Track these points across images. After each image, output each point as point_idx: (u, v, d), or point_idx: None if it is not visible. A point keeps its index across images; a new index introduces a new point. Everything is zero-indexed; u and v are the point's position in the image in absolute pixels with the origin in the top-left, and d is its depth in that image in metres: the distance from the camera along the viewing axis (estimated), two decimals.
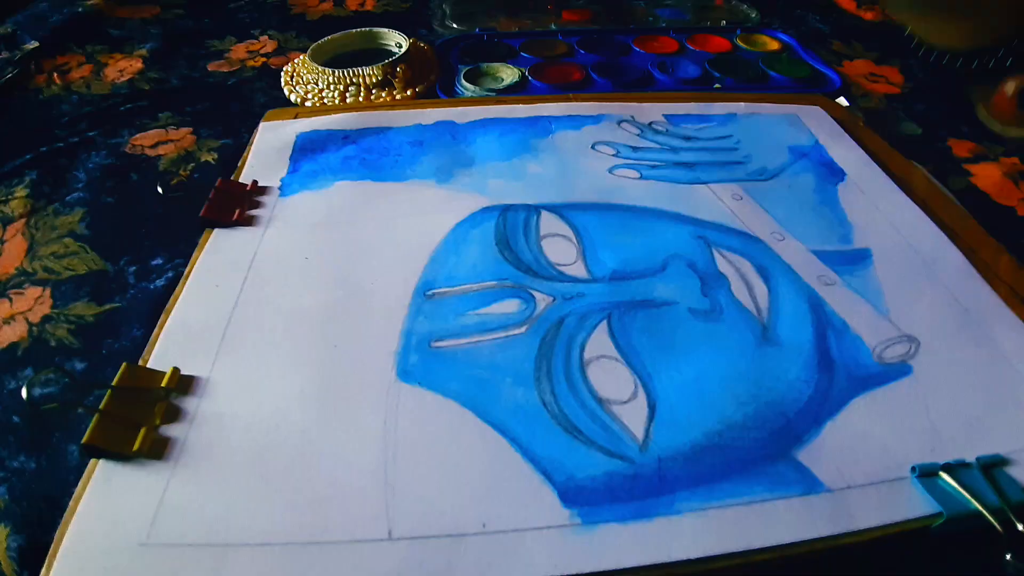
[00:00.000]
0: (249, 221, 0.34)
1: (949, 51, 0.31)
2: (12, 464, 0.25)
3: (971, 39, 0.30)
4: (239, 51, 0.54)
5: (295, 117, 0.42)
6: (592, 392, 0.25)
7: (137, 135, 0.43)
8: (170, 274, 0.33)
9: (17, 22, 0.58)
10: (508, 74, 0.48)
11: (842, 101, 0.44)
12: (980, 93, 0.32)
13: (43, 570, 0.20)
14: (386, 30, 0.52)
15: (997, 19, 0.28)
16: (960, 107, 0.35)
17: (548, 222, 0.33)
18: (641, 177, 0.37)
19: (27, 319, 0.31)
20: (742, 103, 0.43)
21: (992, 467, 0.23)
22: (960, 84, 0.33)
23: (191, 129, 0.44)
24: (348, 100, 0.45)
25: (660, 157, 0.38)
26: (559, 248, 0.32)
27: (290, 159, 0.38)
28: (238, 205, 0.34)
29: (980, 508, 0.21)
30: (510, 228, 0.33)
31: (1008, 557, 0.21)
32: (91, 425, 0.23)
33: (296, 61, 0.49)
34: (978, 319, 0.28)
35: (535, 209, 0.34)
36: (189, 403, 0.25)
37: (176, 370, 0.26)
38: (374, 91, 0.46)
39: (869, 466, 0.23)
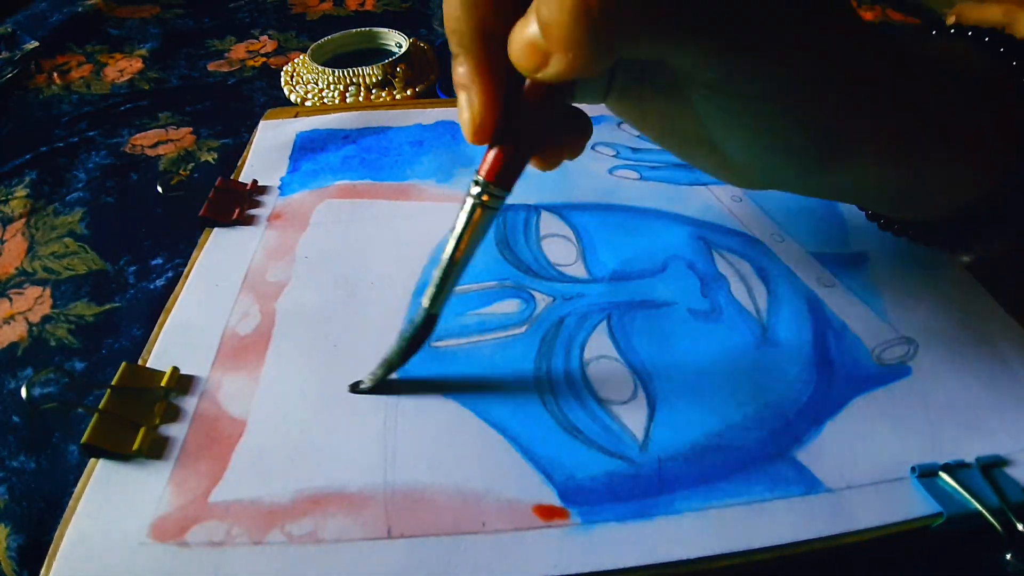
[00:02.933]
0: (249, 220, 0.34)
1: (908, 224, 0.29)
2: (12, 464, 0.25)
3: (922, 216, 0.27)
4: (239, 51, 0.54)
5: (295, 116, 0.42)
6: (592, 392, 0.25)
7: (137, 135, 0.43)
8: (170, 274, 0.33)
9: (17, 22, 0.58)
10: None
11: None
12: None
13: (43, 570, 0.20)
14: (386, 30, 0.52)
15: (948, 201, 0.25)
16: None
17: (548, 222, 0.33)
18: (641, 178, 0.37)
19: (27, 319, 0.31)
20: None
21: (992, 467, 0.23)
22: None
23: (191, 129, 0.44)
24: (348, 100, 0.45)
25: (660, 158, 0.38)
26: (559, 248, 0.32)
27: (290, 158, 0.38)
28: (238, 204, 0.34)
29: (980, 508, 0.21)
30: (510, 228, 0.33)
31: (1008, 557, 0.21)
32: (91, 425, 0.23)
33: (296, 61, 0.49)
34: (976, 321, 0.28)
35: (535, 209, 0.34)
36: (188, 403, 0.25)
37: (175, 370, 0.26)
38: (374, 91, 0.46)
39: (869, 466, 0.23)
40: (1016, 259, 0.28)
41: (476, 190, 0.21)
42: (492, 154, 0.21)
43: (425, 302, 0.23)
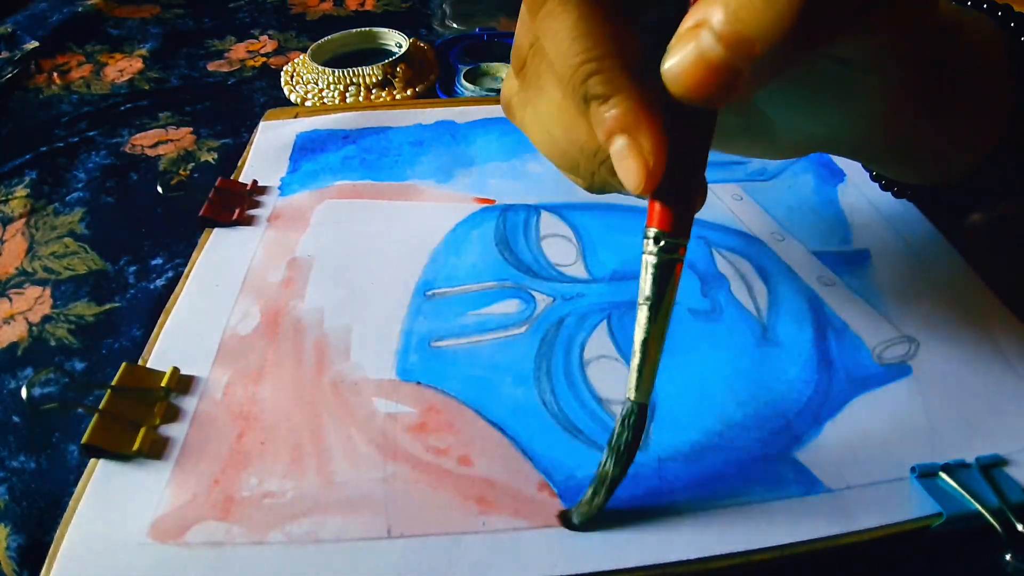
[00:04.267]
0: (249, 221, 0.34)
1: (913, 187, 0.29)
2: (12, 464, 0.25)
3: (933, 180, 0.27)
4: (239, 51, 0.54)
5: (295, 117, 0.42)
6: (592, 392, 0.25)
7: (137, 135, 0.43)
8: (170, 274, 0.33)
9: (17, 22, 0.58)
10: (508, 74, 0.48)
11: None
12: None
13: (43, 570, 0.20)
14: (386, 30, 0.52)
15: (957, 160, 0.25)
16: None
17: (548, 222, 0.33)
18: None
19: (27, 319, 0.31)
20: None
21: (992, 467, 0.23)
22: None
23: (191, 129, 0.44)
24: (348, 100, 0.45)
25: None
26: (559, 248, 0.32)
27: (290, 159, 0.38)
28: (238, 205, 0.34)
29: (980, 508, 0.21)
30: (510, 228, 0.33)
31: (1008, 557, 0.21)
32: (91, 425, 0.23)
33: (296, 61, 0.49)
34: (977, 320, 0.28)
35: (535, 209, 0.34)
36: (188, 403, 0.25)
37: (176, 370, 0.26)
38: (374, 91, 0.46)
39: (869, 466, 0.23)
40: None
41: (654, 248, 0.18)
42: (660, 203, 0.18)
43: (630, 394, 0.19)
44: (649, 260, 0.18)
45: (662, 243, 0.18)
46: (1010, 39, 0.24)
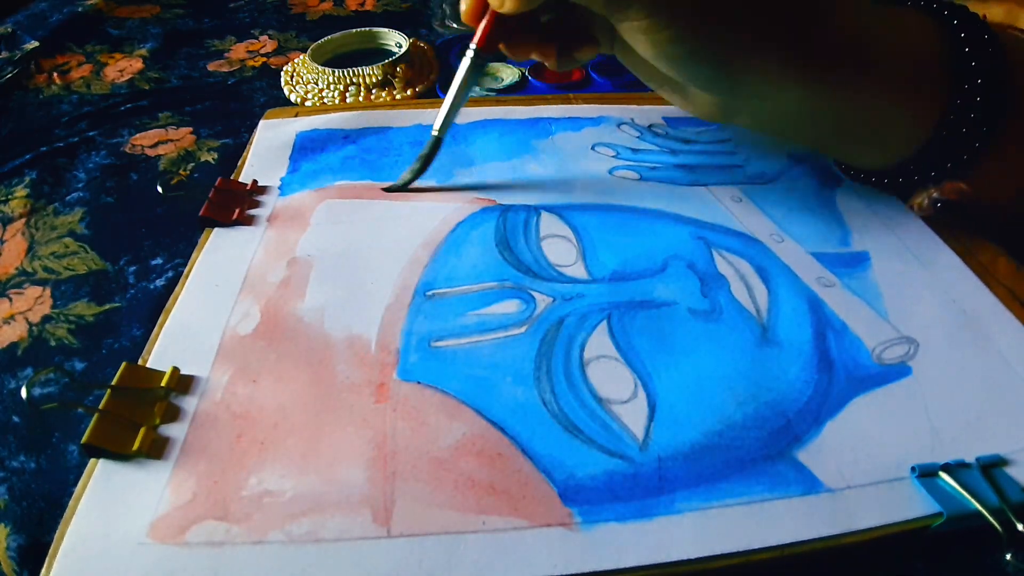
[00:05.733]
0: (249, 221, 0.34)
1: (864, 171, 0.35)
2: (12, 464, 0.25)
3: (878, 162, 0.34)
4: (239, 51, 0.54)
5: (295, 116, 0.42)
6: (592, 391, 0.25)
7: (137, 135, 0.43)
8: (170, 274, 0.33)
9: (17, 22, 0.58)
10: (508, 74, 0.48)
11: None
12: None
13: (43, 570, 0.20)
14: (386, 30, 0.52)
15: (896, 146, 0.31)
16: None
17: (548, 223, 0.33)
18: (641, 178, 0.37)
19: (27, 319, 0.31)
20: None
21: (992, 467, 0.23)
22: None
23: (191, 129, 0.44)
24: (348, 100, 0.45)
25: (660, 159, 0.38)
26: (559, 249, 0.32)
27: (290, 159, 0.38)
28: (238, 205, 0.34)
29: (980, 508, 0.21)
30: (510, 229, 0.33)
31: (1008, 557, 0.21)
32: (91, 425, 0.23)
33: (296, 61, 0.49)
34: (976, 321, 0.28)
35: (535, 210, 0.34)
36: (188, 403, 0.25)
37: (176, 370, 0.26)
38: (374, 91, 0.46)
39: (869, 466, 0.23)
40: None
41: (472, 55, 0.32)
42: (480, 28, 0.31)
43: (434, 131, 0.34)
44: (466, 61, 0.33)
45: (475, 54, 0.32)
46: (949, 34, 0.29)
